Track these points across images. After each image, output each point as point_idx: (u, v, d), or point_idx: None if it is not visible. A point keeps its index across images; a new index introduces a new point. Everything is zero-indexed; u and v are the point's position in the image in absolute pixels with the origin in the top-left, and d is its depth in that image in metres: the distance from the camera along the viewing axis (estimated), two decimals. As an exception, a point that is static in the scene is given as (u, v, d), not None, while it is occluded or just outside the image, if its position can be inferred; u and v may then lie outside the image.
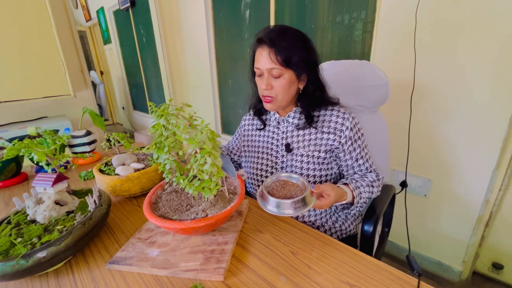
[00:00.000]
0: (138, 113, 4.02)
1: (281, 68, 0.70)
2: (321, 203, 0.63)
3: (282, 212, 0.58)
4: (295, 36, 0.72)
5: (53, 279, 0.56)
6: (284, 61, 0.69)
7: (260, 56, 0.72)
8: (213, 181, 0.60)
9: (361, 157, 0.79)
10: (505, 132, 1.04)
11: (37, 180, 0.66)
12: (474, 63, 1.04)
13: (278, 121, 0.86)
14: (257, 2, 1.77)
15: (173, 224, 0.56)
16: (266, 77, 0.73)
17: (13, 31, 1.46)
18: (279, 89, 0.73)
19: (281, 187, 0.65)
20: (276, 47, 0.69)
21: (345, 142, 0.77)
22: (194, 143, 0.55)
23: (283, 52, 0.69)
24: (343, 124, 0.76)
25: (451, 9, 1.04)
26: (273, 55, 0.69)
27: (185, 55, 2.65)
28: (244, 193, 0.67)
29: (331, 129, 0.77)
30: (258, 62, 0.73)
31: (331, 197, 0.64)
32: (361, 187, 0.73)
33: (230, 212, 0.59)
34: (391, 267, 0.55)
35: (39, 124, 1.66)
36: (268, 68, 0.71)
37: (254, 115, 0.93)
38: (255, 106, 0.91)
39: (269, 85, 0.73)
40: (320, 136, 0.78)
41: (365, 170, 0.81)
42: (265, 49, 0.71)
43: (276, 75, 0.72)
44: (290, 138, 0.83)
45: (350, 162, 0.79)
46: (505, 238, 1.23)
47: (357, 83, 0.95)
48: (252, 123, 0.95)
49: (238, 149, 1.00)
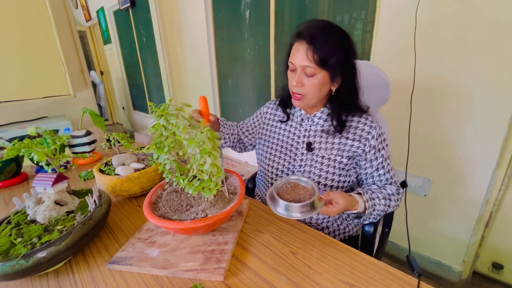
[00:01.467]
0: (138, 113, 4.02)
1: (316, 67, 0.67)
2: (328, 210, 0.63)
3: (290, 215, 0.58)
4: (337, 35, 0.69)
5: (53, 279, 0.56)
6: (320, 61, 0.66)
7: (297, 51, 0.69)
8: (212, 181, 0.60)
9: (382, 167, 0.76)
10: (505, 132, 1.04)
11: (37, 180, 0.66)
12: (474, 63, 1.04)
13: (303, 118, 0.83)
14: (257, 2, 1.77)
15: (172, 224, 0.56)
16: (299, 74, 0.71)
17: (13, 31, 1.46)
18: (310, 88, 0.71)
19: (291, 189, 0.65)
20: (315, 45, 0.66)
21: (369, 150, 0.75)
22: (194, 143, 0.55)
23: (322, 51, 0.66)
24: (369, 133, 0.75)
25: (451, 8, 1.04)
26: (310, 53, 0.66)
27: (185, 55, 2.65)
28: (244, 193, 0.67)
29: (357, 136, 0.75)
30: (294, 57, 0.70)
31: (339, 205, 0.63)
32: (376, 199, 0.71)
33: (230, 212, 0.59)
34: (391, 267, 0.55)
35: (39, 124, 1.66)
36: (302, 65, 0.69)
37: (279, 106, 0.91)
38: (282, 97, 0.88)
39: (300, 82, 0.71)
40: (344, 142, 0.76)
41: (385, 181, 0.78)
42: (303, 45, 0.68)
43: (309, 74, 0.69)
44: (312, 137, 0.81)
45: (369, 170, 0.78)
46: (505, 238, 1.23)
47: (361, 85, 0.94)
48: (275, 113, 0.92)
49: (252, 132, 0.95)
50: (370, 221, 0.75)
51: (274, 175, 0.85)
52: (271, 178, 0.86)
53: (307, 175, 0.79)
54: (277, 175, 0.84)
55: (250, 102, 2.15)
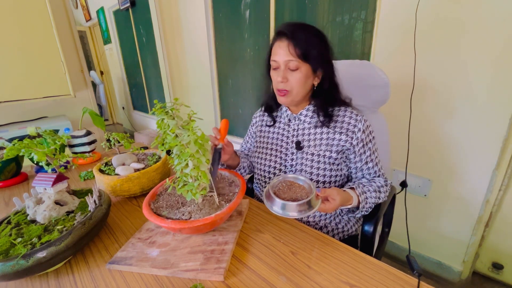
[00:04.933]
0: (138, 113, 4.02)
1: (299, 60, 0.71)
2: (325, 207, 0.63)
3: (287, 214, 0.58)
4: (314, 31, 0.73)
5: (53, 279, 0.56)
6: (302, 54, 0.70)
7: (279, 48, 0.73)
8: (195, 185, 0.60)
9: (370, 160, 0.78)
10: (505, 132, 1.04)
11: (37, 180, 0.66)
12: (474, 63, 1.04)
13: (290, 118, 0.85)
14: (257, 2, 1.77)
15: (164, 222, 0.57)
16: (283, 70, 0.73)
17: (13, 31, 1.46)
18: (295, 83, 0.74)
19: (288, 188, 0.65)
20: (295, 39, 0.70)
21: (357, 144, 0.76)
22: (179, 145, 0.55)
23: (302, 45, 0.70)
24: (355, 126, 0.76)
25: (451, 8, 1.04)
26: (291, 47, 0.70)
27: (185, 55, 2.65)
28: (240, 200, 0.66)
29: (343, 129, 0.77)
30: (276, 54, 0.74)
31: (336, 201, 0.64)
32: (367, 192, 0.73)
33: (211, 220, 0.57)
34: (391, 267, 0.55)
35: (39, 124, 1.66)
36: (285, 60, 0.72)
37: (264, 111, 0.93)
38: (267, 102, 0.91)
39: (285, 78, 0.73)
40: (332, 137, 0.78)
41: (374, 174, 0.80)
42: (284, 42, 0.71)
43: (293, 68, 0.72)
44: (301, 136, 0.82)
45: (359, 164, 0.79)
46: (505, 238, 1.23)
47: (358, 83, 0.95)
48: (262, 119, 0.95)
49: (251, 149, 0.99)
50: (362, 214, 0.76)
51: (268, 178, 0.87)
52: (264, 182, 0.88)
53: (299, 174, 0.79)
54: (270, 178, 0.86)
55: (250, 102, 2.15)
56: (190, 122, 0.62)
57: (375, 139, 0.80)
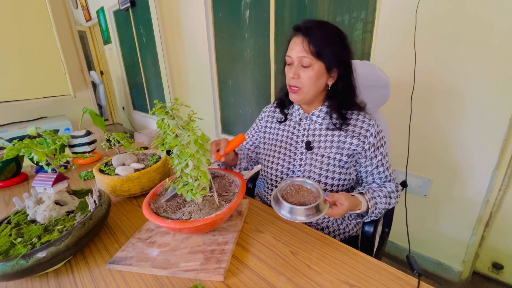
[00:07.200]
0: (138, 113, 4.02)
1: (312, 57, 0.70)
2: (333, 212, 0.63)
3: (295, 218, 0.58)
4: (332, 30, 0.72)
5: (53, 279, 0.56)
6: (316, 51, 0.69)
7: (294, 44, 0.72)
8: (195, 185, 0.60)
9: (381, 164, 0.77)
10: (505, 132, 1.04)
11: (37, 180, 0.66)
12: (474, 63, 1.04)
13: (301, 118, 0.84)
14: (257, 2, 1.77)
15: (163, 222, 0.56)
16: (295, 66, 0.73)
17: (13, 31, 1.46)
18: (306, 80, 0.73)
19: (295, 191, 0.64)
20: (310, 36, 0.69)
21: (368, 148, 0.76)
22: (178, 144, 0.55)
23: (317, 42, 0.69)
24: (367, 130, 0.75)
25: (451, 8, 1.04)
26: (306, 43, 0.69)
27: (185, 55, 2.65)
28: (240, 200, 0.66)
29: (356, 133, 0.76)
30: (291, 50, 0.73)
31: (344, 206, 0.63)
32: (377, 198, 0.72)
33: (211, 220, 0.57)
34: (391, 267, 0.55)
35: (39, 124, 1.66)
36: (298, 56, 0.71)
37: (277, 107, 0.92)
38: (280, 98, 0.90)
39: (296, 74, 0.73)
40: (343, 140, 0.77)
41: (384, 179, 0.79)
42: (299, 38, 0.71)
43: (305, 65, 0.71)
44: (311, 136, 0.81)
45: (370, 168, 0.78)
46: (505, 238, 1.23)
47: (358, 83, 0.94)
48: (273, 115, 0.92)
49: (254, 143, 0.96)
50: (371, 219, 0.75)
51: (274, 176, 0.85)
52: (270, 180, 0.87)
53: (307, 174, 0.79)
54: (277, 176, 0.84)
55: (250, 102, 2.15)
56: (190, 122, 0.62)
57: (386, 144, 0.79)
